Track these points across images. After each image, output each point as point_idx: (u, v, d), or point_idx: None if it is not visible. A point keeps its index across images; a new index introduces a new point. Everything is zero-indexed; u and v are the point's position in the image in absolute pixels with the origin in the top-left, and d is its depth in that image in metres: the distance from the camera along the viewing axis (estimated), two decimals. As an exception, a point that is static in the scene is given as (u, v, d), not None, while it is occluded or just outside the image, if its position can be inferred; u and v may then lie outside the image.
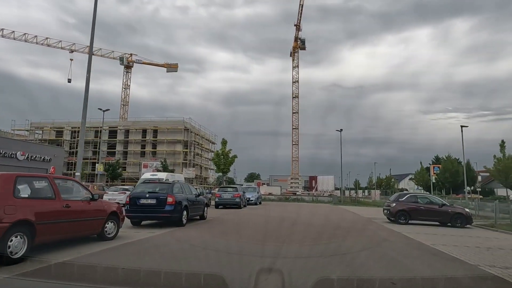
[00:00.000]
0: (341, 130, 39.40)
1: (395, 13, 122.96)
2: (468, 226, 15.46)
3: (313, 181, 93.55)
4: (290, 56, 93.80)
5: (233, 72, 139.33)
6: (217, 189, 24.37)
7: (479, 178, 74.76)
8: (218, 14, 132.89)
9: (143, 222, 11.47)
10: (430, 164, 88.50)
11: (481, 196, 67.63)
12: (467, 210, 16.20)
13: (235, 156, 35.76)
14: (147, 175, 24.27)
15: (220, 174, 38.52)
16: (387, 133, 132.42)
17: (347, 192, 48.18)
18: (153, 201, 10.40)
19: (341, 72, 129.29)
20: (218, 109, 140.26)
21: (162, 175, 23.98)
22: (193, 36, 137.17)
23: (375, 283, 5.19)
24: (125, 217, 10.84)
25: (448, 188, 65.23)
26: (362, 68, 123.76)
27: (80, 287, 4.10)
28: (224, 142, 36.27)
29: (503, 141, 30.64)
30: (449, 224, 15.48)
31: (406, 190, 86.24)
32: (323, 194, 68.99)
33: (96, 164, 36.62)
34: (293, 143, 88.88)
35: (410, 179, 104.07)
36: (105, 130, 62.27)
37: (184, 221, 11.18)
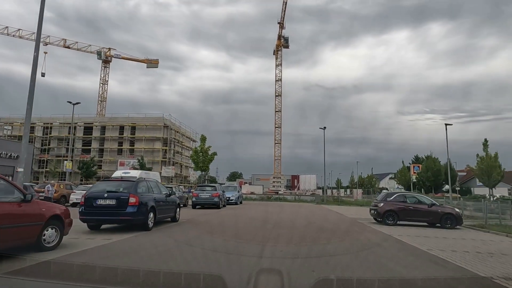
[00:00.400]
0: (324, 128, 38.62)
1: (375, 16, 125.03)
2: (458, 227, 14.66)
3: (295, 180, 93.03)
4: (274, 54, 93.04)
5: (216, 70, 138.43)
6: (194, 188, 22.90)
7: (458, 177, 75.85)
8: (201, 12, 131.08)
9: (103, 226, 10.02)
10: (410, 164, 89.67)
11: (459, 195, 68.59)
12: (457, 210, 15.41)
13: (214, 154, 34.26)
14: (118, 173, 22.64)
15: (201, 172, 36.84)
16: (366, 133, 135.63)
17: (329, 191, 47.46)
18: (113, 202, 8.96)
19: (323, 72, 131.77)
20: (200, 107, 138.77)
21: (135, 173, 22.39)
22: (174, 34, 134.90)
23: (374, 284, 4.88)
24: (82, 221, 9.43)
25: (429, 187, 65.72)
26: (343, 69, 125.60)
27: None
28: (203, 139, 34.65)
29: (486, 140, 30.46)
30: (438, 224, 14.66)
31: (387, 189, 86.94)
32: (305, 193, 68.40)
33: (65, 162, 34.44)
34: (276, 141, 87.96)
35: (391, 178, 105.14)
36: (80, 126, 59.68)
37: (150, 224, 9.79)
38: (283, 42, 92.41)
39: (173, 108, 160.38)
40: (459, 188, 66.09)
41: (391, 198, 15.21)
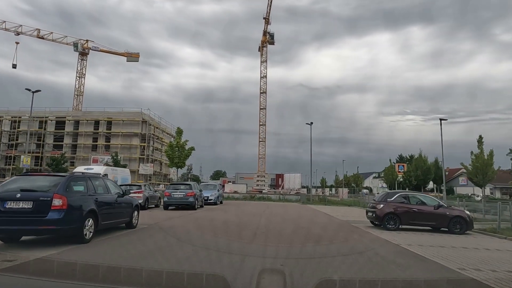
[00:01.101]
0: (311, 123, 36.51)
1: (358, 18, 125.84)
2: (468, 232, 12.66)
3: (280, 179, 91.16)
4: (259, 51, 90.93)
5: (200, 68, 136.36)
6: (166, 187, 20.31)
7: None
8: (185, 9, 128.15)
9: (25, 238, 7.45)
10: (394, 163, 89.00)
11: (441, 195, 67.92)
12: (467, 212, 13.37)
13: (192, 149, 31.54)
14: (80, 169, 19.87)
15: (177, 169, 33.97)
16: (349, 133, 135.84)
17: (313, 191, 45.55)
18: (28, 205, 6.41)
19: (307, 72, 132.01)
20: (184, 105, 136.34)
21: (100, 169, 19.68)
22: (158, 30, 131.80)
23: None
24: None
25: (417, 185, 64.84)
26: (327, 69, 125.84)
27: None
28: (179, 132, 31.78)
29: (480, 137, 28.90)
30: (445, 229, 12.64)
31: (369, 188, 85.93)
32: (290, 192, 66.61)
33: (22, 156, 31.19)
34: (260, 140, 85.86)
35: (374, 177, 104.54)
36: (52, 120, 56.00)
37: (88, 234, 7.27)
38: (268, 38, 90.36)
39: (157, 106, 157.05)
40: (444, 188, 65.12)
41: (391, 199, 13.07)
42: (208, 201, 23.87)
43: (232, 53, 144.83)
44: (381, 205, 12.93)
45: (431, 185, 60.65)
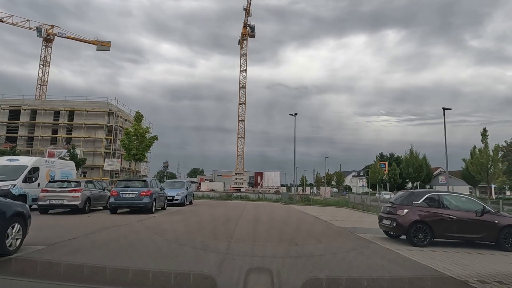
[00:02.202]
0: (295, 114, 32.73)
1: (335, 19, 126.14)
2: (522, 247, 9.11)
3: (259, 176, 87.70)
4: (239, 44, 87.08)
5: (178, 65, 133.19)
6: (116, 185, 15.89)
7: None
8: (162, 4, 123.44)
9: None
10: (374, 162, 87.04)
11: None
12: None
13: (154, 138, 26.80)
14: (1, 160, 15.27)
15: (135, 162, 29.01)
16: (326, 133, 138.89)
17: (293, 189, 41.95)
18: None
19: (286, 72, 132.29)
20: (161, 102, 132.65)
21: (26, 161, 15.12)
22: (134, 25, 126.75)
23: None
24: None
25: (401, 184, 62.54)
26: (305, 69, 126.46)
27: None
28: (138, 117, 26.90)
29: (485, 130, 25.85)
30: (491, 243, 9.07)
31: (349, 187, 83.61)
32: (269, 190, 63.28)
33: None
34: (239, 136, 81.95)
35: (354, 176, 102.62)
36: (4, 110, 49.94)
37: None
38: (248, 31, 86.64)
39: (133, 102, 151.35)
40: (429, 187, 63.79)
41: (418, 202, 9.32)
42: (174, 202, 19.68)
43: (211, 50, 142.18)
44: (405, 211, 9.17)
45: (413, 184, 58.65)
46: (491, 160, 24.80)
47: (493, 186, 68.86)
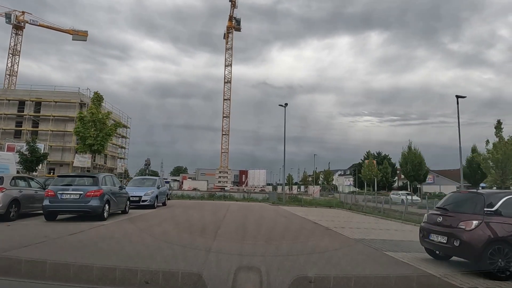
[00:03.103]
0: (286, 104, 29.42)
1: (320, 20, 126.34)
2: None
3: (244, 175, 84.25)
4: (224, 38, 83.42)
5: (162, 62, 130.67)
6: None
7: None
8: (146, 0, 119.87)
9: None
10: (361, 160, 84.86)
11: (408, 192, 63.92)
12: None
13: (118, 125, 22.68)
14: None
15: (92, 154, 24.64)
16: (311, 132, 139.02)
17: (282, 188, 38.67)
18: None
19: (271, 71, 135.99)
20: (145, 99, 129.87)
21: None
22: (117, 21, 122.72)
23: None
24: None
25: (382, 184, 60.04)
26: (290, 69, 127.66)
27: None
28: (97, 99, 22.36)
29: (499, 122, 23.12)
30: None
31: (335, 186, 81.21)
32: (254, 189, 60.12)
33: None
34: (223, 133, 78.23)
35: (340, 174, 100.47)
36: (-40, 99, 44.89)
37: None
38: (234, 24, 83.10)
39: (116, 99, 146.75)
40: (419, 186, 61.87)
41: (494, 208, 6.06)
42: (141, 204, 16.07)
43: (195, 48, 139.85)
44: (474, 223, 5.89)
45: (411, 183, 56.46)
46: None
47: (481, 185, 67.68)
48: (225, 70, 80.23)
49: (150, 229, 10.33)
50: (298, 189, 73.15)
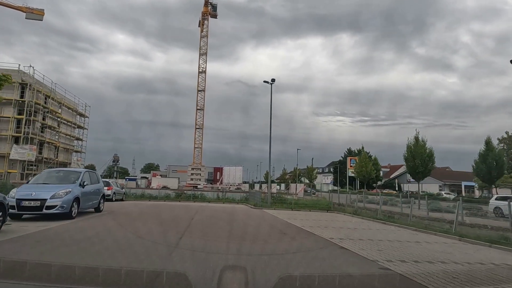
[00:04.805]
0: (273, 80, 23.39)
1: (293, 20, 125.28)
2: None
3: (218, 172, 77.87)
4: (199, 26, 76.57)
5: (133, 57, 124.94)
6: None
7: (381, 173, 68.47)
8: None
9: None
10: (342, 158, 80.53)
11: (394, 192, 59.86)
12: None
13: (5, 78, 14.92)
14: None
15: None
16: (287, 131, 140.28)
17: (268, 187, 32.53)
18: None
19: (244, 69, 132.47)
20: (115, 94, 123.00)
21: None
22: (85, 12, 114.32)
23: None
24: None
25: (367, 183, 55.58)
26: (264, 67, 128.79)
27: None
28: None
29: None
30: None
31: (313, 184, 77.12)
32: (230, 187, 54.29)
33: None
34: (197, 126, 71.35)
35: (318, 172, 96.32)
36: None
37: None
38: (210, 10, 76.21)
39: (84, 93, 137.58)
40: (410, 184, 58.03)
41: None
42: (45, 212, 9.62)
43: (168, 43, 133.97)
44: None
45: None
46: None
47: (463, 183, 64.64)
48: (199, 59, 73.46)
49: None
50: (278, 187, 67.67)
